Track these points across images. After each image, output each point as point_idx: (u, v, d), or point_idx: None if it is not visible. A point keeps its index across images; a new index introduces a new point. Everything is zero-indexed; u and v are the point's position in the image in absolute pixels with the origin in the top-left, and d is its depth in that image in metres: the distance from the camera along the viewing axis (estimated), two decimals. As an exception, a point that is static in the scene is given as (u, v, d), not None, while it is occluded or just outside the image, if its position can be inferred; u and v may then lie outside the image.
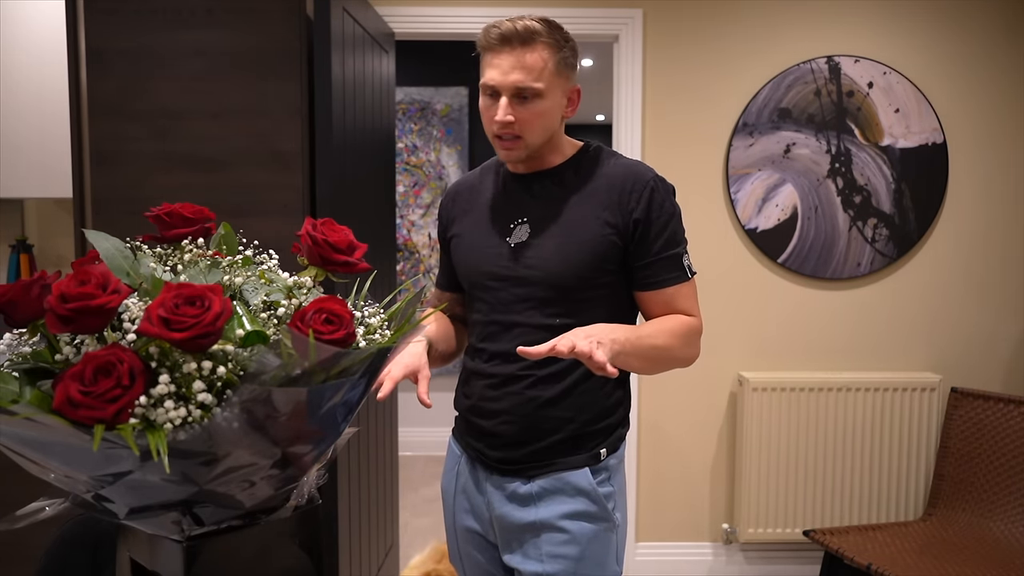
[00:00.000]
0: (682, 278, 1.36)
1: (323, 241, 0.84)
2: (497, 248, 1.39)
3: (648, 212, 1.33)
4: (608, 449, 1.41)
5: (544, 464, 1.39)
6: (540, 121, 1.32)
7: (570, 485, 1.38)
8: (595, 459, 1.39)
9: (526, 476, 1.39)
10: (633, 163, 1.40)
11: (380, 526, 2.65)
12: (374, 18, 2.54)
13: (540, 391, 1.37)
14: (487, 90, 1.33)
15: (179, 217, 0.87)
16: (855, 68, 2.82)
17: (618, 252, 1.35)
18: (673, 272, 1.36)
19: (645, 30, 2.84)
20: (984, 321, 2.93)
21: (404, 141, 4.61)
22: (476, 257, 1.42)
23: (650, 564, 2.97)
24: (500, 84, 1.30)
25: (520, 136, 1.32)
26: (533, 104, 1.30)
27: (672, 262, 1.36)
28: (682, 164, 2.86)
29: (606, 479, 1.41)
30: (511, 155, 1.36)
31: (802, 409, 2.81)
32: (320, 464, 0.90)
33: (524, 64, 1.28)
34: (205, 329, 0.66)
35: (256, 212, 2.09)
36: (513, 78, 1.29)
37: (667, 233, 1.35)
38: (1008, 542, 2.52)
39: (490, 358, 1.41)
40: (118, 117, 2.10)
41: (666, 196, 1.36)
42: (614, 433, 1.43)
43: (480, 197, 1.46)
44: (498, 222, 1.41)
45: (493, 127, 1.33)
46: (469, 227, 1.46)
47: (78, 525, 1.11)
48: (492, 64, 1.30)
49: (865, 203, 2.86)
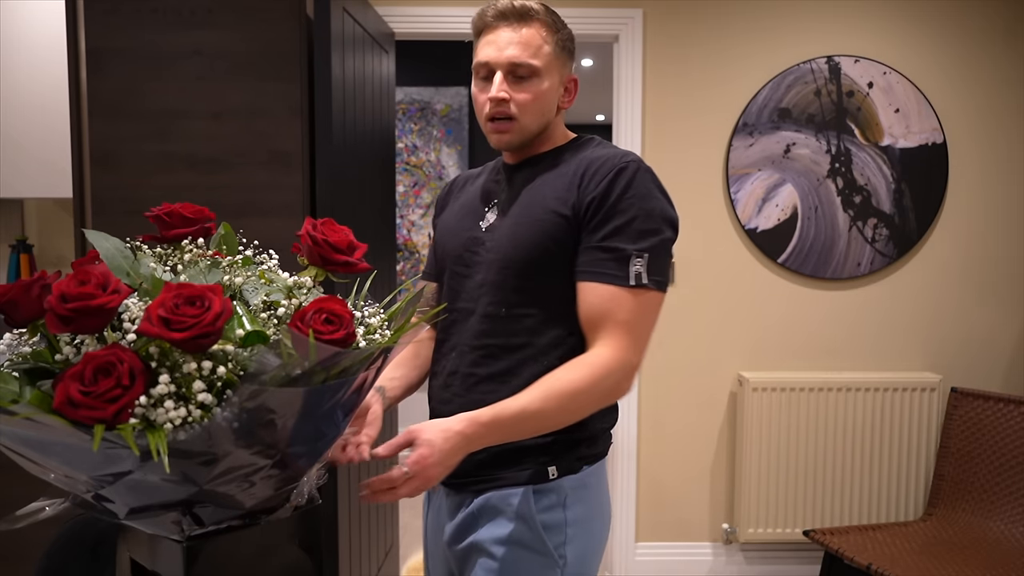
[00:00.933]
0: (621, 281, 1.14)
1: (323, 241, 0.84)
2: (469, 232, 1.30)
3: (607, 192, 1.17)
4: (559, 469, 1.22)
5: (487, 479, 1.23)
6: (536, 103, 1.23)
7: (510, 506, 1.21)
8: (540, 476, 1.21)
9: (472, 491, 1.25)
10: (618, 150, 1.25)
11: (380, 526, 2.65)
12: (374, 18, 2.54)
13: (483, 393, 1.21)
14: (481, 71, 1.24)
15: (179, 217, 0.87)
16: (855, 68, 2.82)
17: (568, 235, 1.19)
18: (611, 269, 1.15)
19: (645, 30, 2.84)
20: (984, 321, 2.93)
21: (404, 141, 4.60)
22: (451, 240, 1.33)
23: (650, 564, 2.97)
24: (495, 60, 1.21)
25: (514, 118, 1.22)
26: (530, 84, 1.22)
27: (614, 257, 1.15)
28: (682, 164, 2.86)
29: (556, 505, 1.21)
30: (503, 139, 1.25)
31: (802, 409, 2.81)
32: (320, 464, 0.90)
33: (521, 39, 1.21)
34: (205, 329, 0.66)
35: (256, 212, 2.09)
36: (509, 53, 1.20)
37: (619, 221, 1.15)
38: (1008, 542, 2.52)
39: (449, 351, 1.29)
40: (118, 117, 2.10)
41: (637, 182, 1.17)
42: (571, 451, 1.23)
43: (472, 186, 1.40)
44: (476, 206, 1.33)
45: (486, 108, 1.23)
46: (452, 211, 1.38)
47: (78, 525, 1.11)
48: (487, 42, 1.23)
49: (865, 203, 2.86)
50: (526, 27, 1.21)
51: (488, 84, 1.23)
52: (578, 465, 1.24)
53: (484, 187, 1.35)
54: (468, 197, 1.37)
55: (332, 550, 2.12)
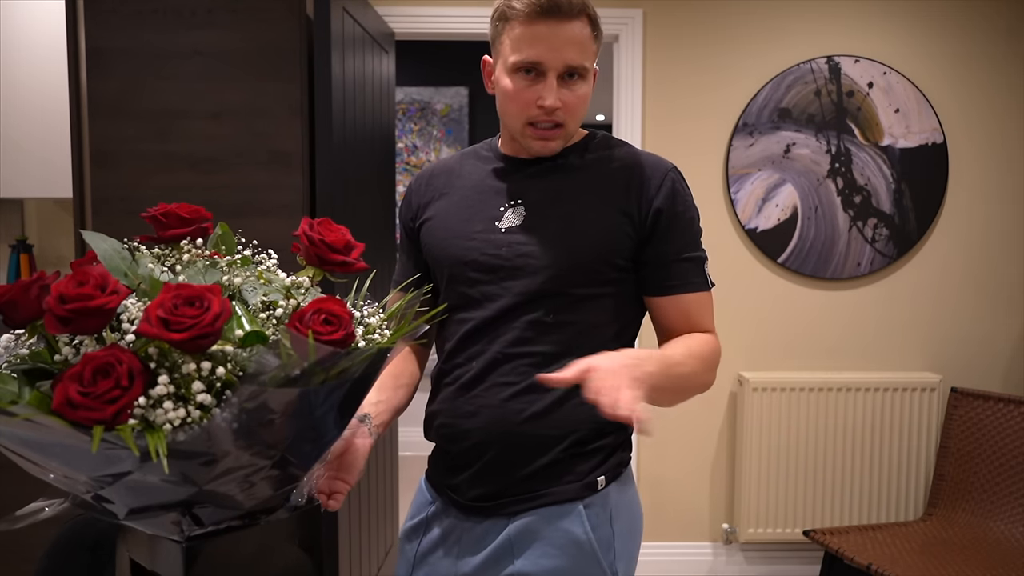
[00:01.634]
0: (703, 287, 1.19)
1: (320, 241, 0.84)
2: (484, 234, 1.17)
3: (672, 204, 1.16)
4: (607, 477, 1.16)
5: (527, 497, 1.14)
6: (583, 106, 1.14)
7: (559, 531, 1.12)
8: (590, 489, 1.14)
9: (506, 514, 1.14)
10: (647, 153, 1.23)
11: (380, 526, 2.65)
12: (374, 18, 2.54)
13: (525, 403, 1.12)
14: (523, 67, 1.09)
15: (175, 217, 0.87)
16: (855, 68, 2.82)
17: (630, 246, 1.15)
18: (695, 278, 1.18)
19: (645, 30, 2.84)
20: (984, 321, 2.93)
21: (404, 141, 4.61)
22: (456, 244, 1.19)
23: (650, 564, 2.97)
24: (550, 62, 1.08)
25: (562, 124, 1.13)
26: (578, 86, 1.11)
27: (695, 266, 1.19)
28: (682, 164, 2.82)
29: (605, 520, 1.15)
30: (549, 146, 1.15)
31: (802, 409, 2.81)
32: (320, 464, 0.90)
33: (576, 38, 1.08)
34: (204, 330, 0.66)
35: (256, 212, 2.09)
36: (567, 55, 1.08)
37: (691, 233, 1.20)
38: (1008, 542, 2.52)
39: (467, 360, 1.18)
40: (118, 117, 2.10)
41: (688, 192, 1.21)
42: (613, 456, 1.18)
43: (461, 180, 1.24)
44: (486, 204, 1.19)
45: (532, 111, 1.11)
46: (446, 209, 1.22)
47: (78, 525, 1.10)
48: (535, 35, 1.07)
49: (865, 203, 2.86)
50: (578, 22, 1.09)
51: (534, 83, 1.10)
52: (620, 471, 1.20)
53: (490, 183, 1.22)
54: (463, 193, 1.23)
55: (332, 550, 2.12)
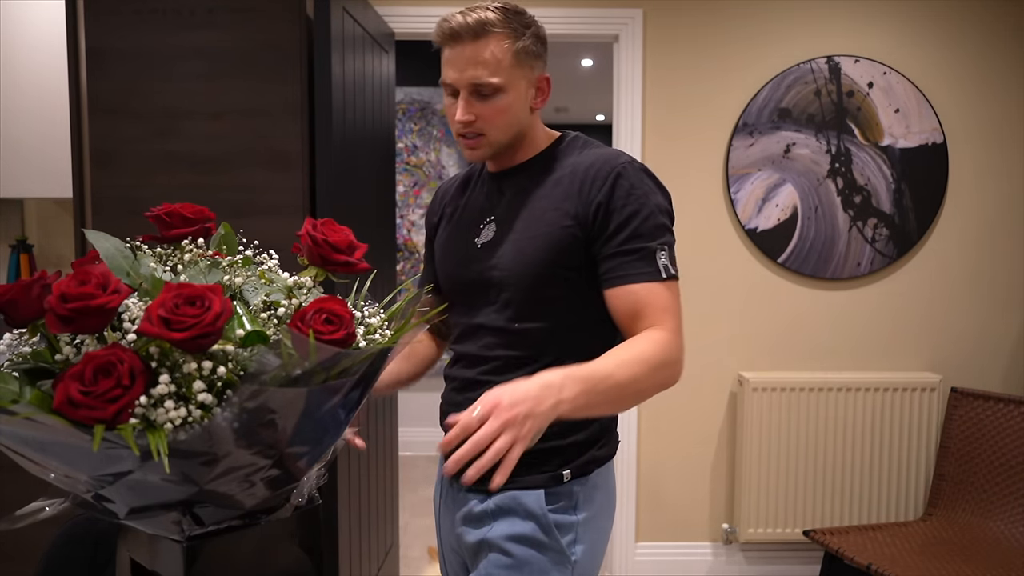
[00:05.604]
0: (653, 276, 1.18)
1: (323, 241, 0.84)
2: (466, 250, 1.33)
3: (611, 197, 1.20)
4: (573, 472, 1.27)
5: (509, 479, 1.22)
6: (503, 117, 1.24)
7: (522, 506, 1.25)
8: (555, 480, 1.26)
9: (484, 492, 1.28)
10: (607, 151, 1.27)
11: (380, 526, 2.65)
12: (374, 18, 2.54)
13: None
14: (447, 88, 1.25)
15: (179, 217, 0.87)
16: (855, 68, 2.82)
17: (578, 246, 1.22)
18: (642, 268, 1.18)
19: (645, 30, 2.84)
20: (984, 321, 2.93)
21: (404, 141, 4.61)
22: (449, 260, 1.37)
23: (650, 564, 2.97)
24: (456, 82, 1.22)
25: (483, 134, 1.25)
26: (494, 100, 1.22)
27: (641, 256, 1.18)
28: (682, 164, 2.86)
29: (568, 507, 1.27)
30: (475, 154, 1.28)
31: (802, 409, 2.81)
32: (320, 464, 0.90)
33: (479, 59, 1.19)
34: (205, 329, 0.66)
35: (256, 212, 2.09)
36: (469, 75, 1.20)
37: (636, 222, 1.19)
38: (1008, 542, 2.52)
39: (456, 360, 1.35)
40: (118, 117, 2.10)
41: (637, 182, 1.21)
42: (584, 454, 1.28)
43: (461, 198, 1.41)
44: (472, 223, 1.35)
45: (456, 125, 1.25)
46: (446, 228, 1.40)
47: (78, 525, 1.11)
48: (447, 60, 1.23)
49: (865, 203, 2.86)
50: (484, 45, 1.20)
51: (455, 101, 1.24)
52: (590, 468, 1.29)
53: (475, 202, 1.36)
54: (460, 212, 1.39)
55: (332, 550, 2.12)
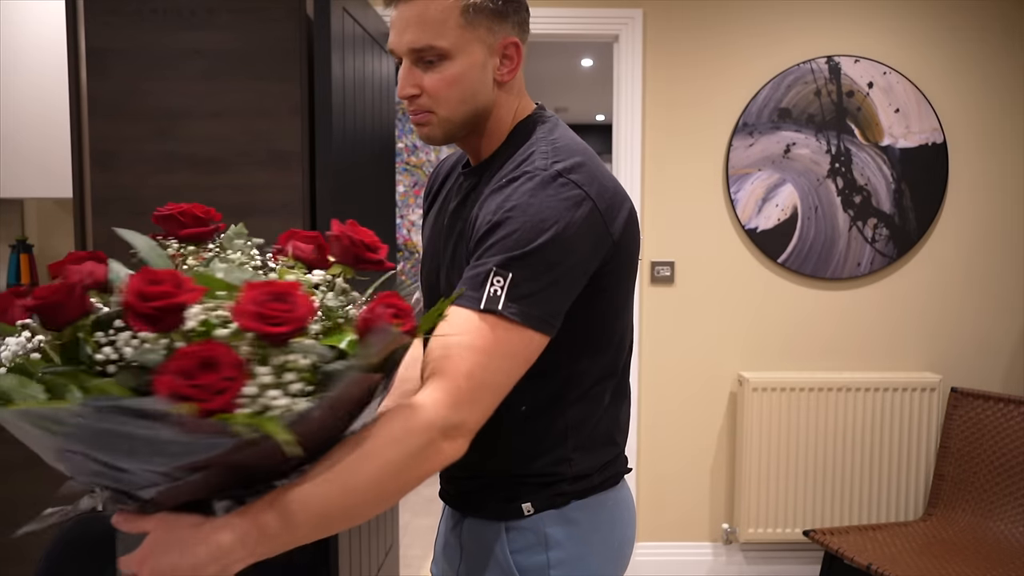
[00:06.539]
0: (470, 303, 0.89)
1: (359, 241, 0.87)
2: (432, 260, 1.13)
3: (482, 208, 0.97)
4: (537, 505, 1.02)
5: (474, 504, 1.08)
6: (453, 90, 0.99)
7: (484, 547, 1.04)
8: (513, 513, 1.03)
9: (460, 511, 1.11)
10: (543, 149, 1.00)
11: (380, 526, 2.65)
12: (374, 18, 2.54)
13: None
14: (394, 57, 1.03)
15: (191, 216, 0.89)
16: (855, 68, 2.82)
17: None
18: (468, 290, 0.90)
19: (645, 30, 2.84)
20: (984, 321, 2.93)
21: (404, 141, 4.61)
22: (424, 267, 1.18)
23: (650, 564, 2.97)
24: (396, 47, 1.00)
25: (431, 110, 1.01)
26: (441, 68, 0.98)
27: (473, 275, 0.91)
28: (682, 164, 2.86)
29: (535, 544, 1.02)
30: (424, 132, 1.04)
31: (802, 409, 2.81)
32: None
33: (420, 18, 0.97)
34: (298, 324, 0.70)
35: (256, 212, 2.09)
36: (408, 38, 0.98)
37: (495, 237, 0.92)
38: (1008, 542, 2.52)
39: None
40: (118, 117, 2.10)
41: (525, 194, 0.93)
42: (552, 485, 1.03)
43: (442, 192, 1.20)
44: (441, 228, 1.13)
45: (403, 101, 1.04)
46: (428, 222, 1.20)
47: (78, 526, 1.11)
48: (391, 23, 1.01)
49: (865, 203, 2.86)
50: (426, 2, 0.97)
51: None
52: (561, 500, 1.03)
53: (447, 200, 1.16)
54: (439, 207, 1.18)
55: (332, 550, 2.12)
